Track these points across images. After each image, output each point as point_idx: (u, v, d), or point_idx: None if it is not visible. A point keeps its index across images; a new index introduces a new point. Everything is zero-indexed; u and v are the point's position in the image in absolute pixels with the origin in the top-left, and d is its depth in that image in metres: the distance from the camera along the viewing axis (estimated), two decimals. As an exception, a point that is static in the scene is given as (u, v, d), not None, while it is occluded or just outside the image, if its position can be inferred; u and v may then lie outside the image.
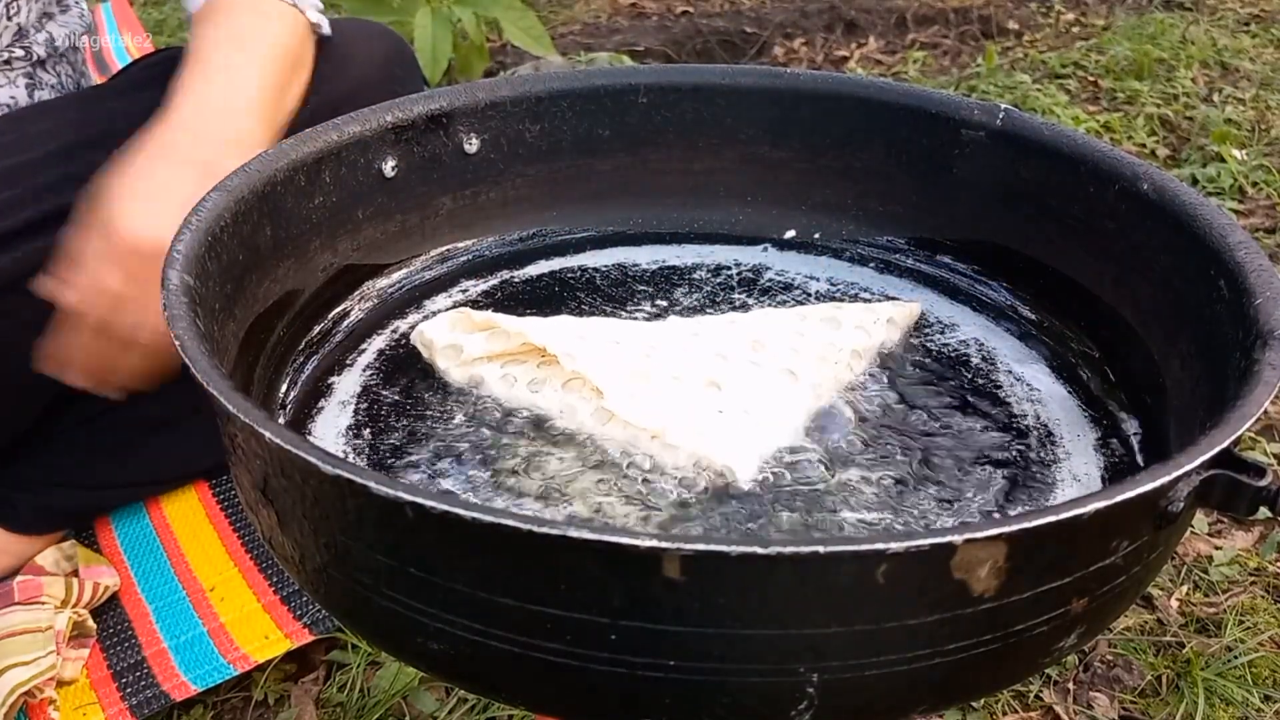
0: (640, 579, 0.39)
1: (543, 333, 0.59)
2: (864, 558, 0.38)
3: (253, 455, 0.46)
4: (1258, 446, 1.17)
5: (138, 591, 0.97)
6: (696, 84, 0.73)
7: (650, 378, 0.56)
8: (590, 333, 0.60)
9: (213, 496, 1.07)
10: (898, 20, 2.35)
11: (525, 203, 0.74)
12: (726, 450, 0.53)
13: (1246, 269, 0.52)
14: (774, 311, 0.65)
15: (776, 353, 0.59)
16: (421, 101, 0.69)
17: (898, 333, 0.65)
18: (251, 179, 0.60)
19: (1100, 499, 0.40)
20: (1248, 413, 0.44)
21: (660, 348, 0.59)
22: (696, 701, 0.42)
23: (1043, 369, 0.63)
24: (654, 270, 0.72)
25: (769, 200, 0.75)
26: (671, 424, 0.54)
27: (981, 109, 0.68)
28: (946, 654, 0.42)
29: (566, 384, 0.57)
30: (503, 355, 0.60)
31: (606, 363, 0.57)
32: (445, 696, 0.90)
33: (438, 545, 0.41)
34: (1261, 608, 0.98)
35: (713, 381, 0.57)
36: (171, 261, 0.52)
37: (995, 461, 0.56)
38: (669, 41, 2.27)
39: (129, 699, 0.88)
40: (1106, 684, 0.92)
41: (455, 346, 0.61)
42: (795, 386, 0.58)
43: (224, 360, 0.53)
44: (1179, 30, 2.21)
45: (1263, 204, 1.63)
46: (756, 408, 0.56)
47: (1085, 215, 0.63)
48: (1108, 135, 1.83)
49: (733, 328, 0.62)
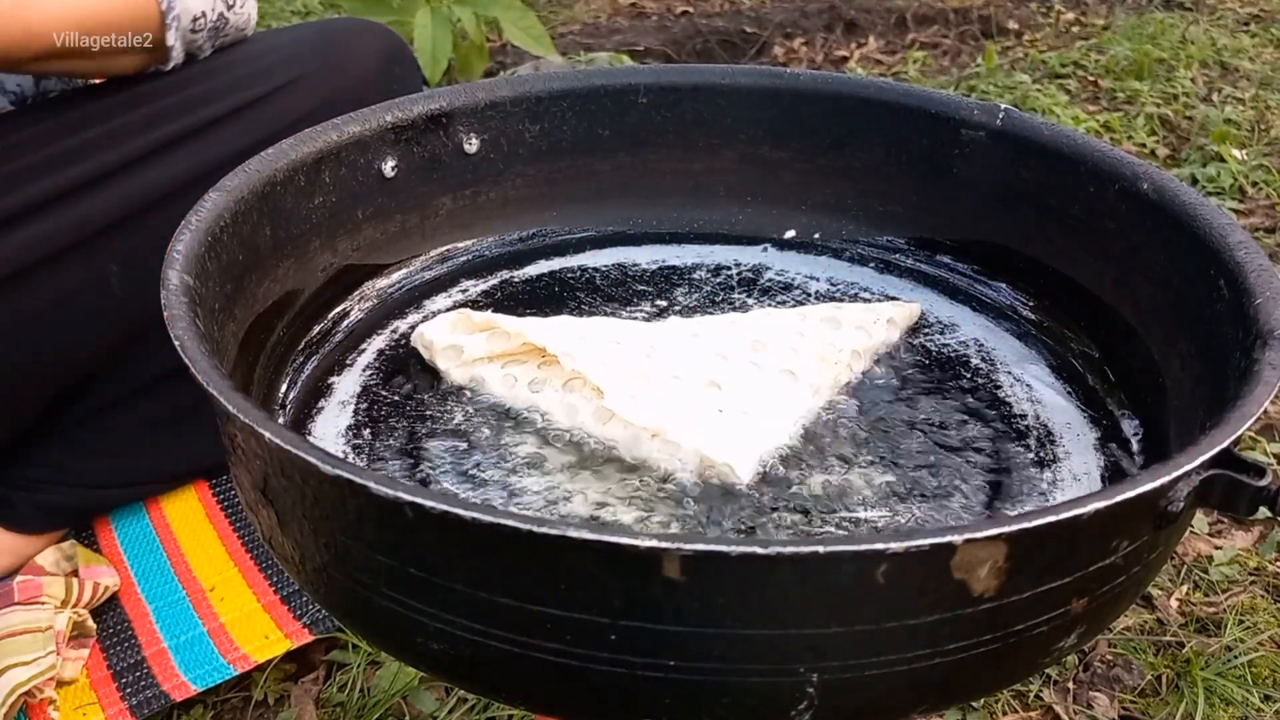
0: (640, 579, 0.39)
1: (542, 333, 0.59)
2: (864, 558, 0.38)
3: (252, 455, 0.46)
4: (1258, 446, 1.17)
5: (137, 591, 0.97)
6: (696, 84, 0.73)
7: (650, 377, 0.56)
8: (590, 333, 0.60)
9: (212, 496, 1.07)
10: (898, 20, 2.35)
11: (525, 203, 0.74)
12: (727, 449, 0.53)
13: (1246, 269, 0.52)
14: (774, 311, 0.65)
15: (776, 353, 0.59)
16: (421, 101, 0.69)
17: (897, 333, 0.65)
18: (251, 179, 0.60)
19: (1100, 499, 0.40)
20: (1248, 413, 0.44)
21: (660, 347, 0.59)
22: (696, 701, 0.42)
23: (1043, 369, 0.63)
24: (654, 270, 0.72)
25: (769, 200, 0.75)
26: (672, 423, 0.54)
27: (981, 109, 0.68)
28: (946, 654, 0.42)
29: (567, 384, 0.58)
30: (503, 355, 0.60)
31: (606, 362, 0.57)
32: (445, 696, 0.90)
33: (438, 545, 0.41)
34: (1261, 607, 0.98)
35: (713, 381, 0.57)
36: (171, 261, 0.52)
37: (995, 461, 0.56)
38: (669, 41, 2.27)
39: (129, 699, 0.88)
40: (1106, 684, 0.92)
41: (456, 347, 0.61)
42: (795, 386, 0.58)
43: (224, 360, 0.53)
44: (1179, 30, 2.21)
45: (1262, 204, 1.63)
46: (756, 407, 0.56)
47: (1085, 215, 0.63)
48: (1108, 135, 1.83)
49: (733, 328, 0.62)
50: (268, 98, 0.97)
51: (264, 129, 0.95)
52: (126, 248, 0.92)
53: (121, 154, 0.91)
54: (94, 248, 0.91)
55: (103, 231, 0.91)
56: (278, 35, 1.07)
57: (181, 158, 0.93)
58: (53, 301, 0.90)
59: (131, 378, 0.98)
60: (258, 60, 0.99)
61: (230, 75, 0.98)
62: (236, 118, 0.96)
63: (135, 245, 0.91)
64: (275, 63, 0.99)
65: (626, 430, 0.55)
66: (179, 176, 0.93)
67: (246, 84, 0.97)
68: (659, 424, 0.54)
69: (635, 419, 0.54)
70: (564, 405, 0.57)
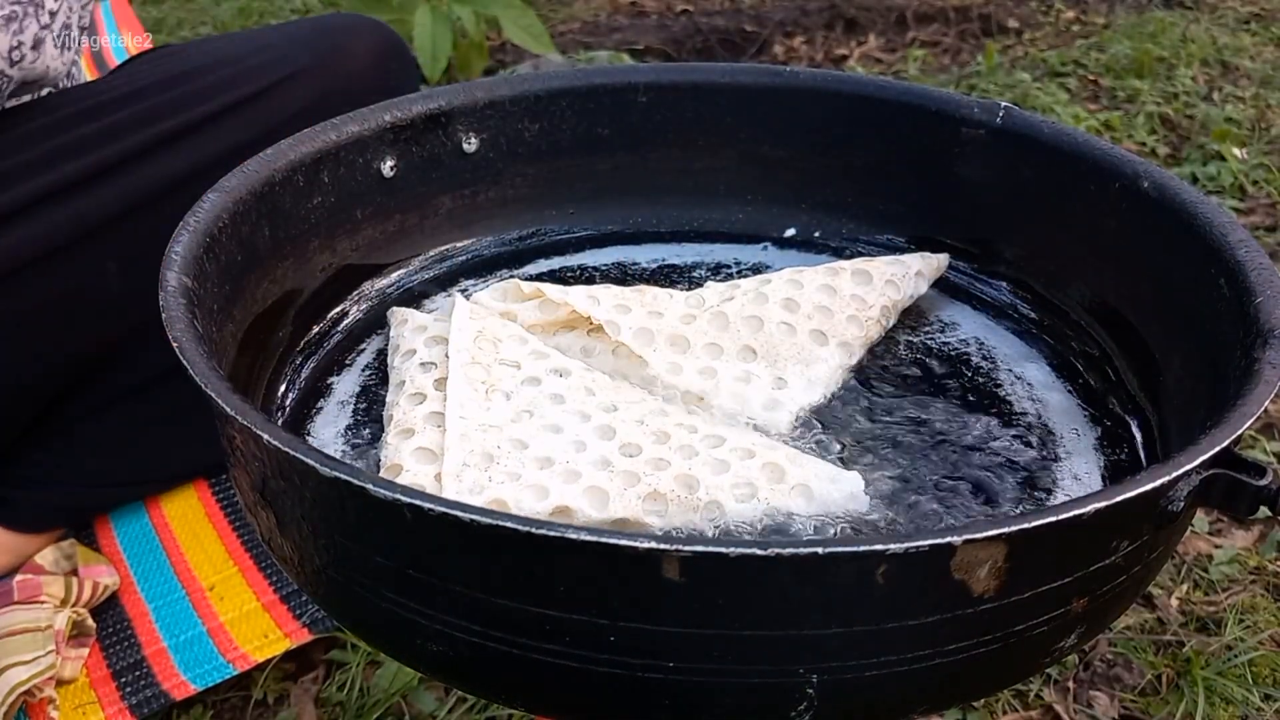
0: (640, 580, 0.39)
1: (588, 303, 0.61)
2: (863, 559, 0.38)
3: (251, 457, 0.46)
4: (1258, 445, 1.17)
5: (137, 591, 0.97)
6: (696, 82, 0.73)
7: (691, 344, 0.60)
8: (632, 302, 0.62)
9: (212, 495, 1.06)
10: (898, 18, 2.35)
11: (524, 202, 0.74)
12: (763, 410, 0.57)
13: (1247, 267, 0.52)
14: (807, 270, 0.65)
15: (808, 313, 0.62)
16: (420, 101, 0.69)
17: (925, 284, 0.67)
18: (249, 179, 0.59)
19: (1100, 499, 0.40)
20: (1248, 412, 0.44)
21: (699, 315, 0.62)
22: (696, 702, 0.42)
23: (1043, 368, 0.63)
24: (654, 269, 0.72)
25: (769, 199, 0.75)
26: (711, 388, 0.58)
27: (982, 107, 0.68)
28: (947, 654, 0.42)
29: (615, 350, 0.61)
30: (554, 324, 0.62)
31: (649, 331, 0.61)
32: (445, 696, 0.90)
33: (436, 547, 0.41)
34: (1261, 606, 0.98)
35: (748, 346, 0.61)
36: (169, 263, 0.52)
37: (995, 461, 0.56)
38: (669, 40, 2.27)
39: (128, 698, 0.88)
40: (1106, 683, 0.92)
41: (509, 314, 0.62)
42: (825, 349, 0.61)
43: (222, 361, 0.53)
44: (1179, 28, 2.21)
45: (1263, 202, 1.63)
46: (789, 370, 0.60)
47: (1086, 214, 0.63)
48: (1108, 133, 1.83)
49: (767, 287, 0.64)
50: (264, 93, 0.97)
51: (260, 125, 0.95)
52: (124, 245, 0.91)
53: (118, 150, 0.91)
54: (92, 245, 0.91)
55: (100, 228, 0.91)
56: (274, 31, 1.07)
57: (178, 154, 0.93)
58: (51, 299, 0.90)
59: (130, 376, 0.98)
60: (254, 56, 0.99)
61: (226, 71, 0.97)
62: (233, 113, 0.96)
63: (133, 242, 0.91)
64: (271, 59, 0.99)
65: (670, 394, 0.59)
66: (176, 173, 0.93)
67: (243, 80, 0.97)
68: (700, 388, 0.58)
69: (678, 384, 0.58)
70: (614, 369, 0.60)
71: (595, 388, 0.56)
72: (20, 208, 0.88)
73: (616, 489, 0.51)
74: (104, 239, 0.91)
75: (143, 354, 0.97)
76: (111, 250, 0.91)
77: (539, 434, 0.53)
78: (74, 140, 0.91)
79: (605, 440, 0.53)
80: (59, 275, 0.90)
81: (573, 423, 0.54)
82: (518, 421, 0.54)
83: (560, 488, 0.51)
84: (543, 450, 0.52)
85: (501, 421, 0.53)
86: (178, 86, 0.96)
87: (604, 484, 0.51)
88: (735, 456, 0.52)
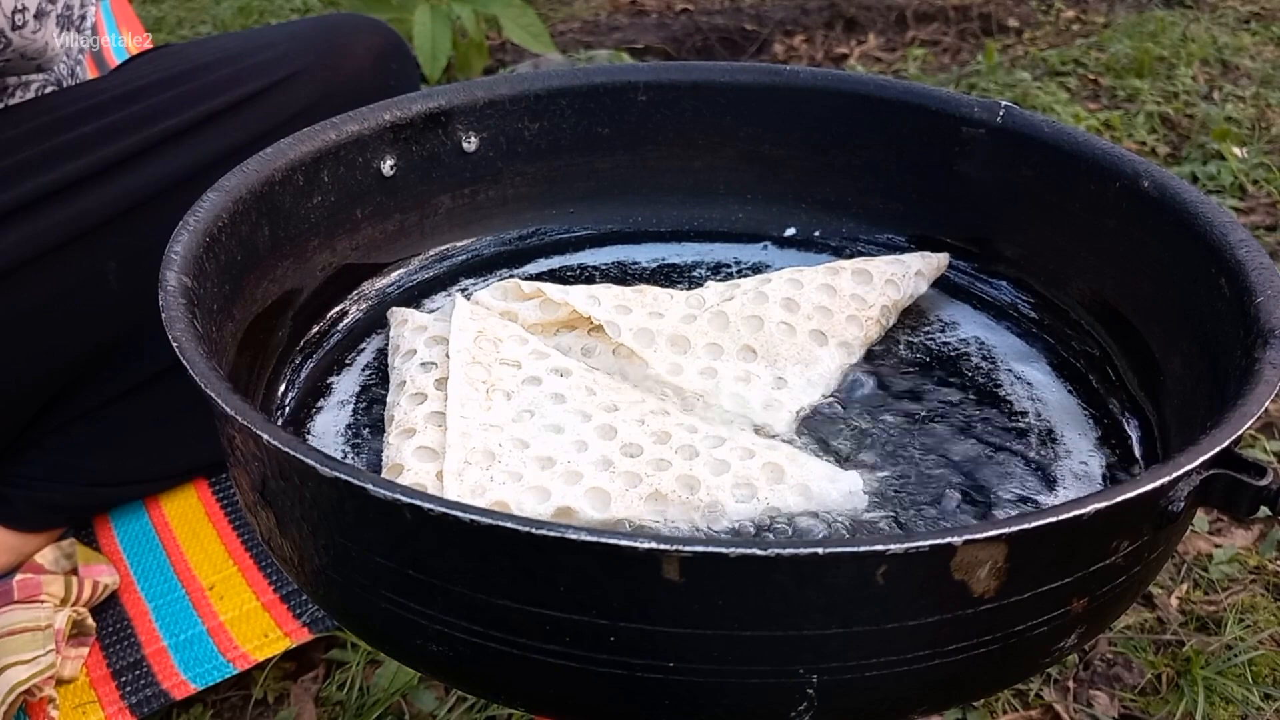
0: (639, 580, 0.39)
1: (588, 304, 0.61)
2: (863, 559, 0.38)
3: (251, 457, 0.46)
4: (1258, 444, 1.17)
5: (137, 590, 0.97)
6: (696, 82, 0.73)
7: (691, 344, 0.61)
8: (632, 302, 0.62)
9: (212, 495, 1.06)
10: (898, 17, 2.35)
11: (524, 201, 0.74)
12: (763, 410, 0.58)
13: (1247, 267, 0.52)
14: (807, 270, 0.65)
15: (808, 313, 0.62)
16: (420, 100, 0.69)
17: (925, 284, 0.67)
18: (249, 179, 0.59)
19: (1100, 499, 0.40)
20: (1248, 412, 0.44)
21: (699, 315, 0.62)
22: (696, 702, 0.42)
23: (1043, 368, 0.63)
24: (653, 268, 0.72)
25: (769, 198, 0.75)
26: (712, 388, 0.58)
27: (982, 106, 0.68)
28: (947, 655, 0.42)
29: (616, 350, 0.61)
30: (554, 323, 0.62)
31: (649, 332, 0.61)
32: (445, 695, 0.90)
33: (437, 547, 0.41)
34: (1261, 606, 0.98)
35: (748, 346, 0.61)
36: (169, 262, 0.52)
37: (995, 461, 0.56)
38: (669, 39, 2.27)
39: (128, 698, 0.88)
40: (1106, 682, 0.92)
41: (510, 314, 0.62)
42: (824, 349, 0.61)
43: (222, 361, 0.53)
44: (1179, 28, 2.21)
45: (1263, 202, 1.63)
46: (789, 370, 0.60)
47: (1086, 213, 0.63)
48: (1108, 133, 1.83)
49: (767, 287, 0.64)
50: (264, 92, 0.97)
51: (261, 124, 0.95)
52: (124, 243, 0.91)
53: (118, 150, 0.91)
54: (91, 243, 0.91)
55: (100, 227, 0.91)
56: (274, 31, 1.07)
57: (178, 153, 0.93)
58: (50, 297, 0.90)
59: (130, 375, 0.98)
60: (254, 55, 0.99)
61: (226, 70, 0.97)
62: (233, 113, 0.96)
63: (133, 241, 0.91)
64: (272, 58, 0.99)
65: (672, 393, 0.59)
66: (176, 172, 0.93)
67: (243, 79, 0.97)
68: (701, 388, 0.59)
69: (680, 384, 0.59)
70: (615, 369, 0.60)
71: (596, 387, 0.56)
72: (20, 207, 0.88)
73: (618, 490, 0.51)
74: (104, 239, 0.91)
75: (142, 353, 0.97)
76: (111, 250, 0.91)
77: (540, 433, 0.53)
78: (74, 139, 0.91)
79: (606, 440, 0.53)
80: (58, 275, 0.90)
81: (574, 422, 0.54)
82: (519, 421, 0.54)
83: (562, 489, 0.51)
84: (544, 450, 0.52)
85: (502, 421, 0.53)
86: (178, 86, 0.96)
87: (605, 485, 0.51)
88: (735, 456, 0.52)
